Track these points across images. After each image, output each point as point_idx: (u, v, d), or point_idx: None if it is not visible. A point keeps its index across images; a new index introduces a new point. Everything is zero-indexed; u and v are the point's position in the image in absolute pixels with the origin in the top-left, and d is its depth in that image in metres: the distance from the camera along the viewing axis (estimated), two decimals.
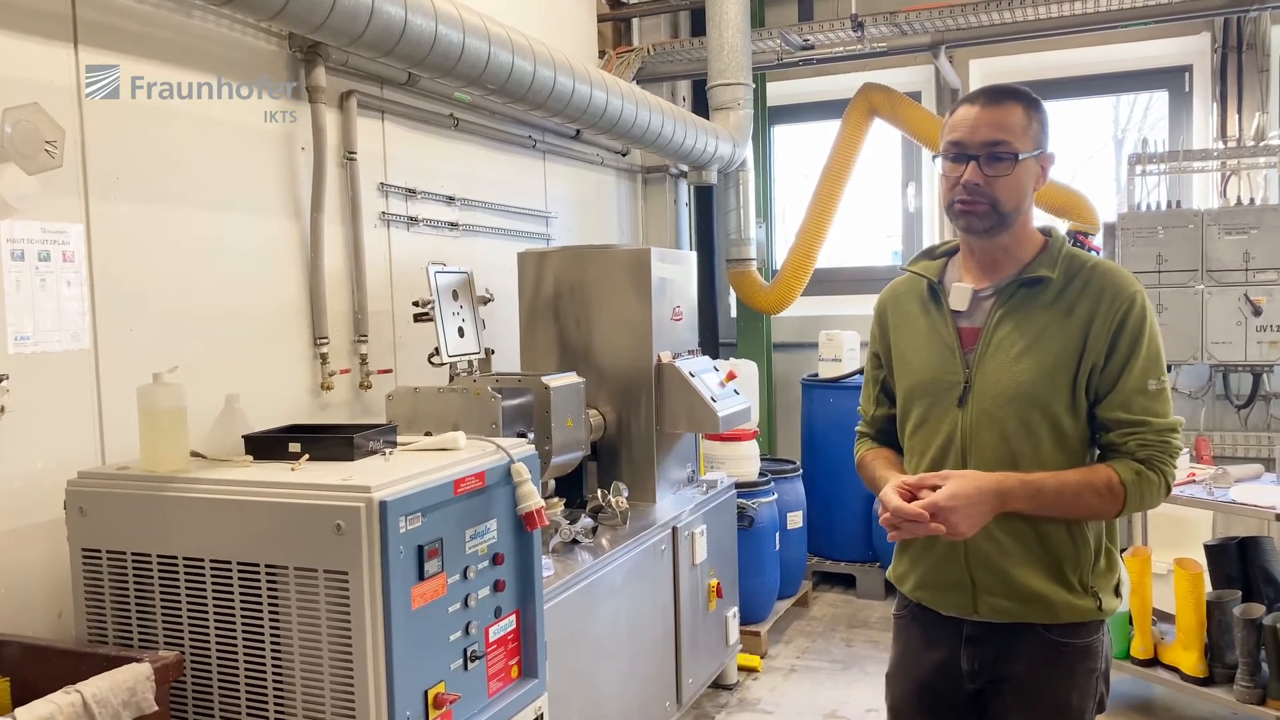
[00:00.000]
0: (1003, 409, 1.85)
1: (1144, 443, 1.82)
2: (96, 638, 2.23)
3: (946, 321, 1.95)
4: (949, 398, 1.91)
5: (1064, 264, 1.89)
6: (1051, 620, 1.87)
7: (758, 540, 4.61)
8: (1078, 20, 4.83)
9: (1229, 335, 4.60)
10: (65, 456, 2.44)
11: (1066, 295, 1.87)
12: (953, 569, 1.91)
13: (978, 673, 1.93)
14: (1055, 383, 1.83)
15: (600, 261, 3.85)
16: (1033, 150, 1.86)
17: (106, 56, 2.58)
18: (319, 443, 2.28)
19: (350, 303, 3.45)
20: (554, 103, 3.51)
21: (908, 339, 2.02)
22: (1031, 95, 1.89)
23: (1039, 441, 1.84)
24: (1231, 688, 3.51)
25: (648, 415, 3.79)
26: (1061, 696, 1.89)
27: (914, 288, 2.05)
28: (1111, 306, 1.83)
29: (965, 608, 1.91)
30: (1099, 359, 1.83)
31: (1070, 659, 1.89)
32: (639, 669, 3.36)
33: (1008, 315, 1.89)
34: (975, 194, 1.83)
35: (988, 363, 1.88)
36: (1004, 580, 1.86)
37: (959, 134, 1.85)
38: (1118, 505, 1.81)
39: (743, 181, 5.42)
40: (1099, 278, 1.87)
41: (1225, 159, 4.93)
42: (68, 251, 2.48)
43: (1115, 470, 1.81)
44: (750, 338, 5.83)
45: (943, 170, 1.89)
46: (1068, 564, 1.86)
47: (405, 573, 2.02)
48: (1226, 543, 3.81)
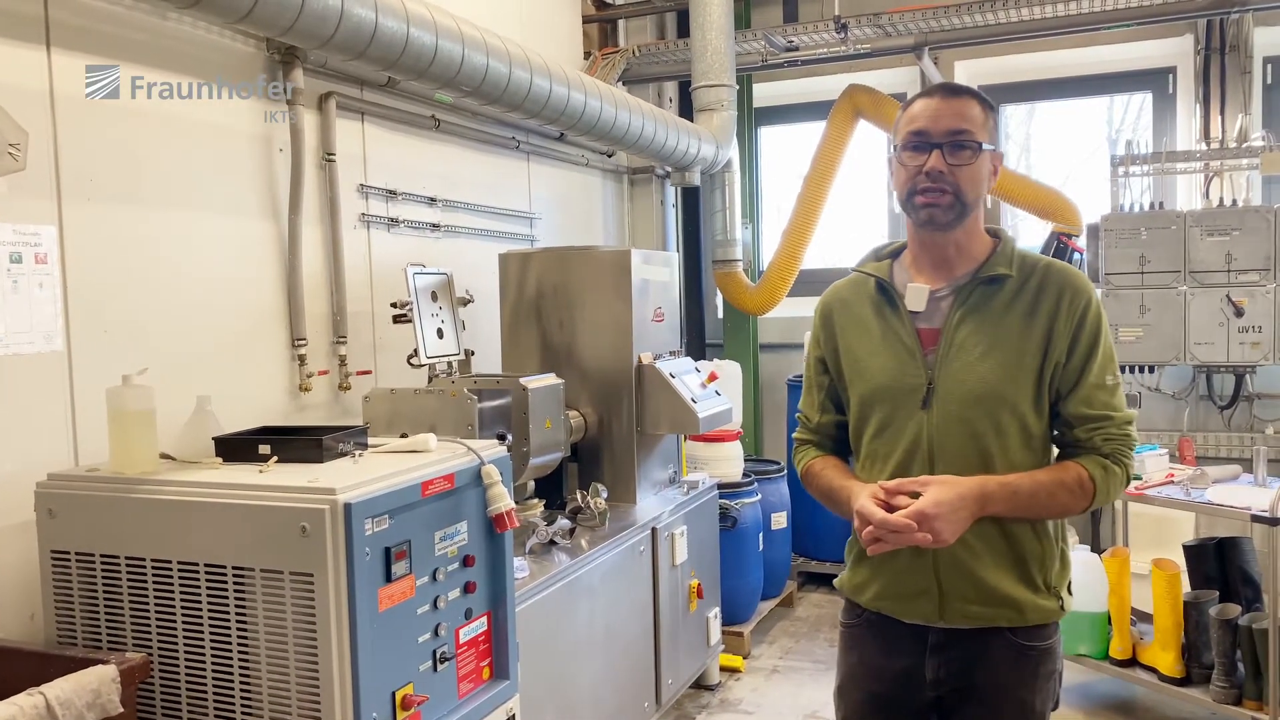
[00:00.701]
0: (970, 410, 1.84)
1: (1108, 437, 1.84)
2: (66, 639, 2.23)
3: (904, 323, 1.92)
4: (911, 401, 1.88)
5: (1018, 263, 1.90)
6: (1020, 623, 1.86)
7: (741, 541, 4.61)
8: (1061, 22, 4.84)
9: (1211, 336, 4.61)
10: (38, 458, 2.44)
11: (1025, 294, 1.87)
12: (920, 576, 1.87)
13: (942, 681, 1.90)
14: (1020, 381, 1.84)
15: (581, 263, 3.86)
16: (990, 144, 1.87)
17: (80, 58, 2.58)
18: (288, 445, 2.28)
19: (329, 304, 3.45)
20: (531, 105, 3.51)
21: (860, 342, 1.97)
22: (985, 95, 1.92)
23: (1008, 441, 1.84)
24: (1208, 688, 3.52)
25: (629, 416, 3.79)
26: (1026, 700, 1.89)
27: (862, 289, 2.01)
28: (1072, 305, 1.85)
29: (931, 615, 1.88)
30: (1062, 357, 1.84)
31: (1035, 662, 1.89)
32: (617, 670, 3.37)
33: (968, 315, 1.88)
34: (939, 182, 1.82)
35: (951, 364, 1.86)
36: (974, 584, 1.85)
37: (921, 123, 1.85)
38: (1088, 501, 1.83)
39: (728, 183, 5.43)
40: (1056, 276, 1.88)
41: (1208, 160, 4.94)
42: (40, 253, 2.48)
43: (1084, 466, 1.83)
44: (736, 338, 5.85)
45: (901, 161, 1.88)
46: (1034, 564, 1.87)
47: (372, 575, 2.03)
48: (1205, 543, 3.82)
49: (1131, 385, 4.98)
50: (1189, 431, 4.91)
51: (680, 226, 6.15)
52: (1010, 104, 5.87)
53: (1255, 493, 3.61)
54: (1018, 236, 6.01)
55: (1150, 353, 4.71)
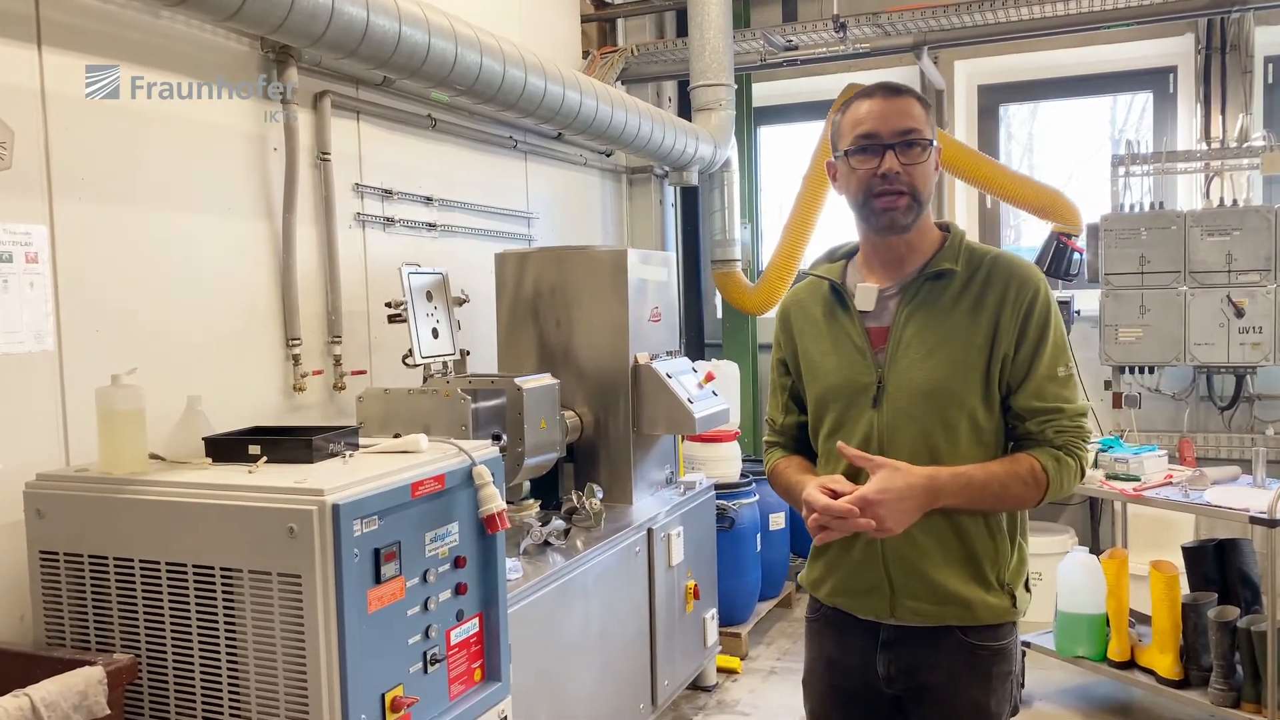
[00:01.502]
0: (918, 406, 1.85)
1: (1060, 429, 1.84)
2: (55, 640, 2.23)
3: (854, 323, 1.93)
4: (863, 399, 1.90)
5: (965, 256, 1.90)
6: (970, 622, 1.87)
7: (739, 541, 4.60)
8: (1061, 21, 4.83)
9: (1211, 337, 4.60)
10: (29, 458, 2.43)
11: (971, 288, 1.87)
12: (870, 573, 1.89)
13: (894, 678, 1.92)
14: (968, 377, 1.84)
15: (578, 262, 3.85)
16: (934, 140, 1.87)
17: (71, 57, 2.58)
18: (278, 445, 2.27)
19: (324, 304, 3.44)
20: (526, 104, 3.50)
21: (815, 344, 2.00)
22: (918, 92, 1.92)
23: (957, 437, 1.85)
24: (1207, 690, 3.50)
25: (625, 417, 3.78)
26: (979, 701, 1.89)
27: (817, 291, 2.03)
28: (1018, 296, 1.85)
29: (882, 611, 1.90)
30: (1009, 349, 1.84)
31: (987, 662, 1.89)
32: (612, 671, 3.36)
33: (915, 312, 1.89)
34: (895, 183, 1.82)
35: (899, 361, 1.87)
36: (923, 582, 1.86)
37: (869, 126, 1.84)
38: (1040, 492, 1.83)
39: (727, 182, 5.42)
40: (1002, 268, 1.88)
41: (1209, 160, 4.93)
42: (30, 253, 2.47)
43: (1036, 458, 1.83)
44: (736, 338, 5.84)
45: (851, 165, 1.87)
46: (986, 562, 1.87)
47: (361, 576, 2.02)
48: (1204, 545, 3.81)
49: (1131, 386, 4.97)
50: (1189, 432, 4.89)
51: (679, 226, 6.14)
52: (1012, 104, 5.86)
53: (1254, 494, 3.59)
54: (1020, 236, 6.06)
55: (1150, 353, 4.69)
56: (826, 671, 2.03)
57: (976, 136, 5.76)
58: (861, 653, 1.94)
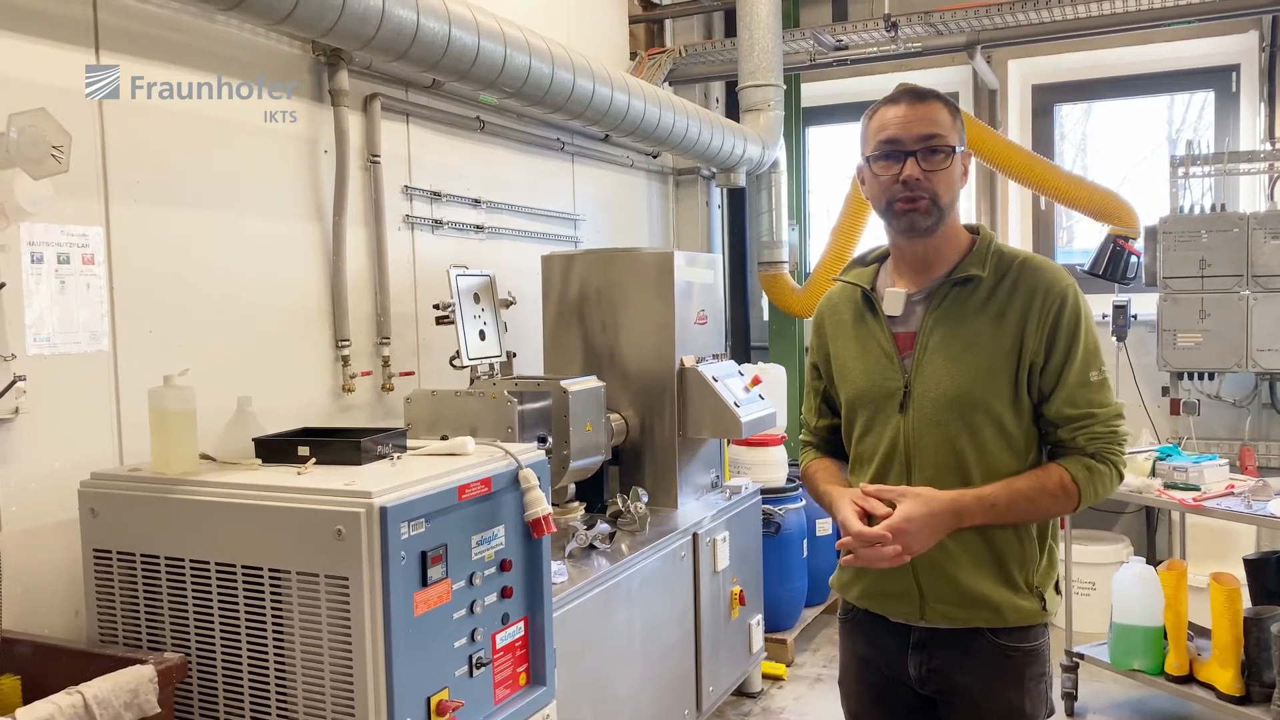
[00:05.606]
0: (944, 413, 1.84)
1: (1093, 436, 1.83)
2: (107, 638, 2.25)
3: (883, 328, 1.93)
4: (890, 404, 1.90)
5: (993, 261, 1.88)
6: (999, 624, 1.86)
7: (785, 547, 4.55)
8: (1118, 19, 4.72)
9: (1275, 343, 4.47)
10: (84, 457, 2.47)
11: (998, 294, 1.86)
12: (899, 578, 1.89)
13: (925, 679, 1.92)
14: (994, 384, 1.83)
15: (623, 264, 3.83)
16: (960, 146, 1.86)
17: (127, 61, 2.61)
18: (327, 446, 2.28)
19: (373, 305, 3.46)
20: (574, 106, 3.49)
21: (846, 348, 2.00)
22: (947, 97, 1.89)
23: (984, 444, 1.84)
24: (1269, 707, 3.40)
25: (671, 420, 3.76)
26: (1014, 703, 1.88)
27: (848, 296, 2.04)
28: (1045, 304, 1.83)
29: (912, 614, 1.91)
30: (1037, 358, 1.83)
31: (1019, 664, 1.88)
32: (656, 676, 3.34)
33: (941, 318, 1.88)
34: (916, 189, 1.82)
35: (925, 367, 1.87)
36: (952, 586, 1.86)
37: (891, 131, 1.83)
38: (1073, 503, 1.83)
39: (775, 184, 5.37)
40: (1029, 274, 1.86)
41: (1273, 160, 4.79)
42: (87, 254, 2.51)
43: (1066, 469, 1.82)
44: (782, 341, 5.78)
45: (874, 171, 1.87)
46: (1014, 565, 1.87)
47: (407, 579, 2.02)
48: (1266, 557, 3.69)
49: (1190, 392, 4.84)
50: (1250, 441, 4.76)
51: (726, 228, 6.10)
52: (1066, 103, 5.74)
53: None
54: (1073, 239, 5.93)
55: (1209, 359, 4.57)
56: (861, 671, 2.05)
57: (1030, 137, 5.66)
58: (893, 653, 1.95)
